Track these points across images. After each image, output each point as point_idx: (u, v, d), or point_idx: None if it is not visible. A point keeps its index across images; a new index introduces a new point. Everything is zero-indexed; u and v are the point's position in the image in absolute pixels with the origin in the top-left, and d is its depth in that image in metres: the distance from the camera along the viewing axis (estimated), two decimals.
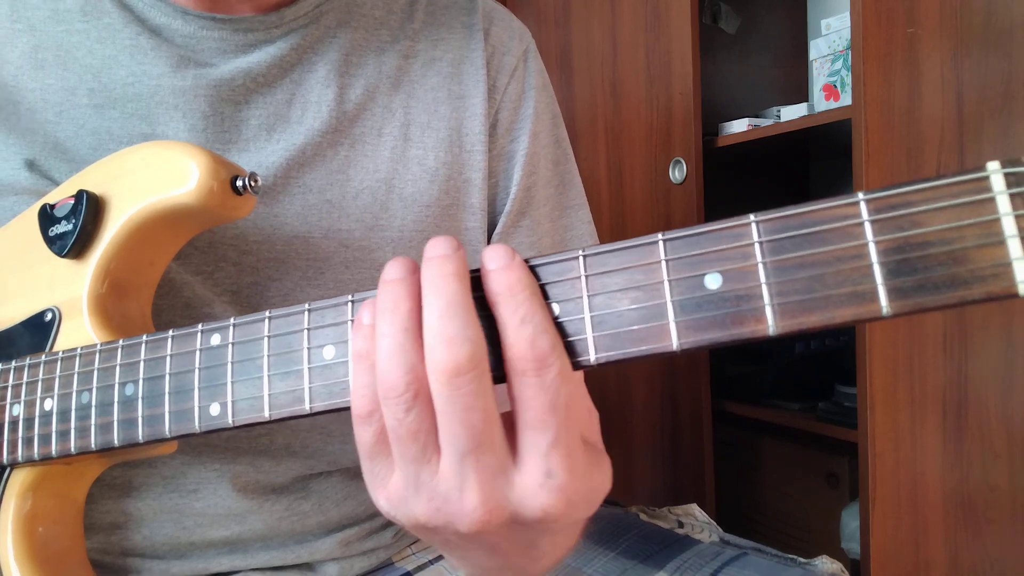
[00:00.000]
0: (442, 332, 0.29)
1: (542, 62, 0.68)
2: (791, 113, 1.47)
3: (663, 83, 1.53)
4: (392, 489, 0.33)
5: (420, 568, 0.61)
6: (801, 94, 1.78)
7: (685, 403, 1.56)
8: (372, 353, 0.31)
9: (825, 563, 0.61)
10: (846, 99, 1.40)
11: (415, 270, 0.32)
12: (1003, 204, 0.25)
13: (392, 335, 0.30)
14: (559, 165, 0.68)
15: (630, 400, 1.66)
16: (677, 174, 1.51)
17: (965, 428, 1.26)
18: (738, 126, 1.50)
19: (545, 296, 0.31)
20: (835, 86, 1.45)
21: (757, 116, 1.55)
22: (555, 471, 0.31)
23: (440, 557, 0.62)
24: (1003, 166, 0.25)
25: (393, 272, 0.32)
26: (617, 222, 1.66)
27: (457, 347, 0.29)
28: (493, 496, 0.31)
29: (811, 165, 1.89)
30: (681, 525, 0.68)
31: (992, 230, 0.25)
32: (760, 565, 0.58)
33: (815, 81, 1.50)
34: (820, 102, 1.48)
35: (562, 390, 0.30)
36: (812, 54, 1.52)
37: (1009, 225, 0.25)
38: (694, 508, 0.72)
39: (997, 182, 0.25)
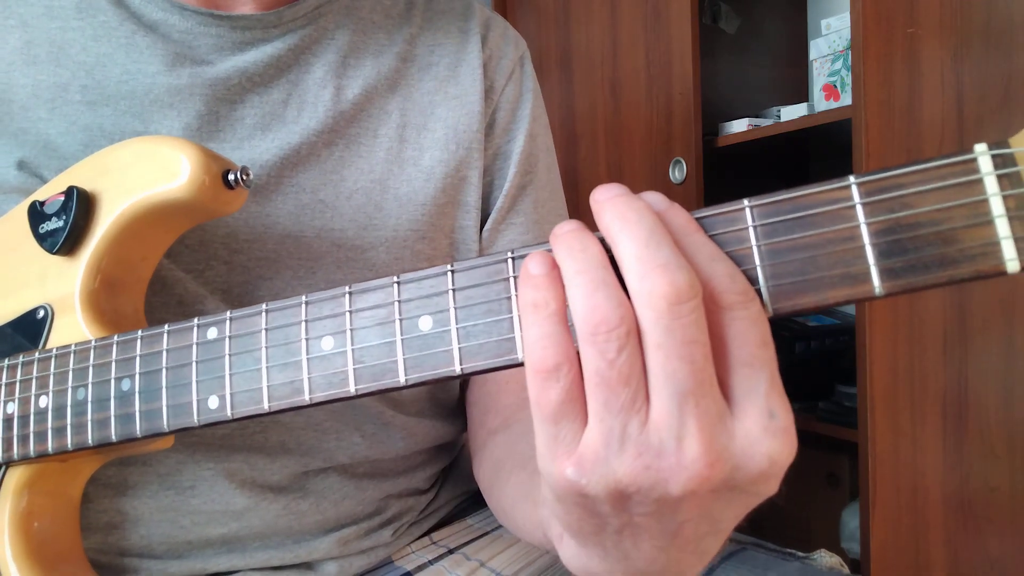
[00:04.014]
0: (652, 259, 0.27)
1: (534, 70, 0.69)
2: (791, 113, 1.47)
3: (663, 83, 1.53)
4: (586, 450, 0.29)
5: (420, 568, 0.60)
6: (801, 94, 1.78)
7: None
8: (552, 301, 0.29)
9: (824, 557, 0.61)
10: (846, 99, 1.40)
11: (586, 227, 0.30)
12: (991, 185, 0.26)
13: (590, 271, 0.28)
14: (551, 172, 0.68)
15: None
16: (677, 174, 1.51)
17: (965, 429, 1.26)
18: (738, 126, 1.50)
19: None
20: (835, 86, 1.45)
21: (757, 116, 1.55)
22: (776, 411, 0.28)
23: (440, 557, 0.62)
24: (990, 148, 0.26)
25: (566, 226, 0.30)
26: None
27: (674, 271, 0.27)
28: (715, 445, 0.28)
29: (811, 165, 1.89)
30: None
31: (980, 210, 0.26)
32: (759, 559, 0.57)
33: (815, 81, 1.50)
34: (820, 102, 1.48)
35: (767, 325, 0.28)
36: (812, 54, 1.52)
37: (997, 205, 0.26)
38: None
39: (984, 163, 0.26)
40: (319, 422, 0.56)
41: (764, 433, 0.28)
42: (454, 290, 0.32)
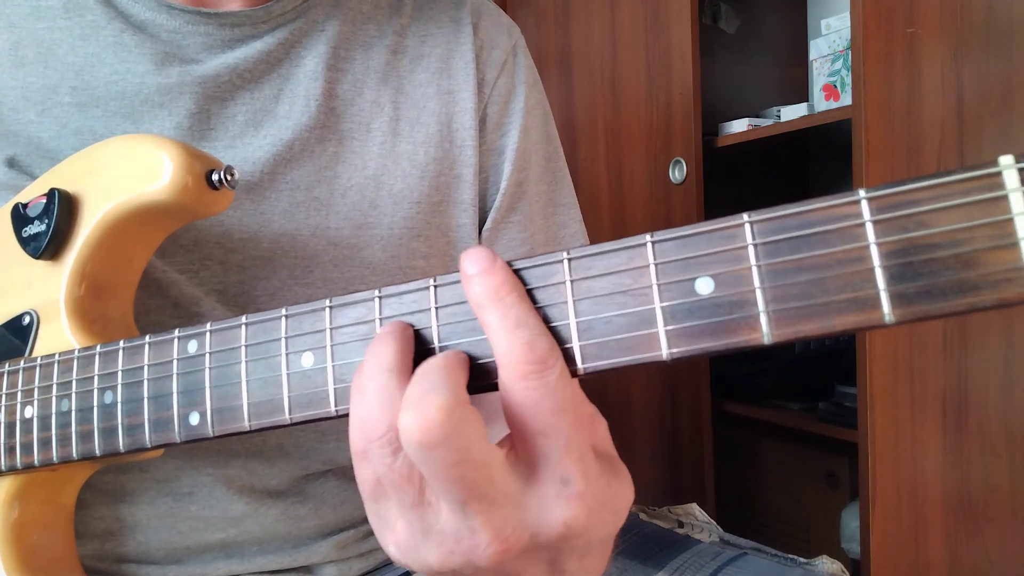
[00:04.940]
0: (410, 395, 0.28)
1: (531, 59, 0.67)
2: (791, 113, 1.47)
3: (663, 83, 1.53)
4: (400, 536, 0.31)
5: None
6: (801, 94, 1.77)
7: (685, 403, 1.55)
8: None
9: (825, 563, 0.60)
10: (846, 99, 1.39)
11: (407, 328, 0.32)
12: (1017, 203, 0.23)
13: (375, 377, 0.29)
14: (551, 162, 0.67)
15: (630, 400, 1.66)
16: (677, 174, 1.50)
17: (965, 428, 1.26)
18: (738, 126, 1.49)
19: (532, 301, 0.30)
20: (835, 86, 1.44)
21: (757, 116, 1.55)
22: (570, 477, 0.29)
23: None
24: (1017, 160, 0.23)
25: (386, 328, 0.31)
26: (617, 222, 1.65)
27: (425, 408, 0.27)
28: (506, 525, 0.29)
29: (811, 165, 1.88)
30: (681, 525, 0.67)
31: (1004, 231, 0.23)
32: (760, 565, 0.57)
33: (815, 81, 1.50)
34: (820, 102, 1.47)
35: (567, 391, 0.28)
36: (812, 54, 1.51)
37: (1023, 226, 0.23)
38: (694, 508, 0.71)
39: (1010, 178, 0.23)
40: (318, 424, 0.56)
41: (556, 500, 0.29)
42: (437, 308, 0.32)
